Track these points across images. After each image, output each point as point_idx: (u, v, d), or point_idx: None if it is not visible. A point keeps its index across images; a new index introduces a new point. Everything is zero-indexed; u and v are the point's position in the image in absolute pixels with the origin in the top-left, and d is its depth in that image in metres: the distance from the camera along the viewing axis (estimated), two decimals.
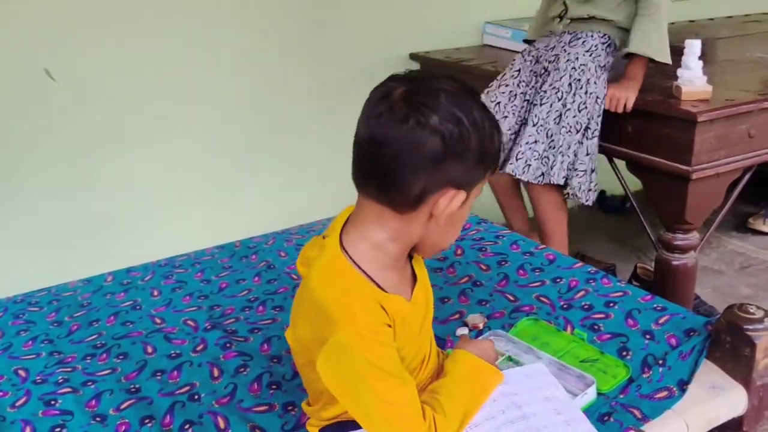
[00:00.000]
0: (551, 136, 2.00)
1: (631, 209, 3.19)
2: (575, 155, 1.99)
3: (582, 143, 1.99)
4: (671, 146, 1.88)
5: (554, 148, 1.99)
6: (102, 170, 2.30)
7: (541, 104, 2.02)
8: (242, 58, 2.46)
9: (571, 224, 2.19)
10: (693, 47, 1.90)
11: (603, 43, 2.04)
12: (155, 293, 1.62)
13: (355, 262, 0.92)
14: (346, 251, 0.93)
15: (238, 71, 2.46)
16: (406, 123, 0.85)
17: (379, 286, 0.92)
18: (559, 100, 1.99)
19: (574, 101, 1.97)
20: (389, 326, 0.91)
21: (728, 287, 2.59)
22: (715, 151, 1.87)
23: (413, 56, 2.76)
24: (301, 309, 0.98)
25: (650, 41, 1.95)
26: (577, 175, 1.99)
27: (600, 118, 2.00)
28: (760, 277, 2.66)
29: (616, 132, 2.03)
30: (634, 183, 2.19)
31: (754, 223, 3.02)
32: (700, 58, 1.91)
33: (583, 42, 2.03)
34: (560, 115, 1.99)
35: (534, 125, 2.01)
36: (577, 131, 1.98)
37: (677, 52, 1.95)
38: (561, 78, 2.00)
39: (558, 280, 1.53)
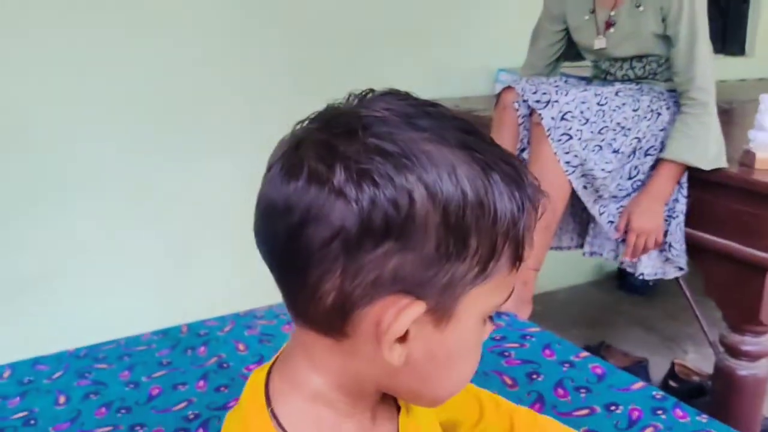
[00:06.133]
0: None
1: (655, 289, 2.82)
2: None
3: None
4: (742, 226, 1.49)
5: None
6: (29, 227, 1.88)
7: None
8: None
9: (587, 305, 1.76)
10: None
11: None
12: (61, 400, 1.18)
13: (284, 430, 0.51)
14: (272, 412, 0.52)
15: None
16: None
17: None
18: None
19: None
20: None
21: None
22: None
23: None
24: None
25: (694, 146, 1.53)
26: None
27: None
28: None
29: None
30: None
31: None
32: None
33: (650, 89, 1.66)
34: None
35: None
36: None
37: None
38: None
39: (613, 407, 1.12)
